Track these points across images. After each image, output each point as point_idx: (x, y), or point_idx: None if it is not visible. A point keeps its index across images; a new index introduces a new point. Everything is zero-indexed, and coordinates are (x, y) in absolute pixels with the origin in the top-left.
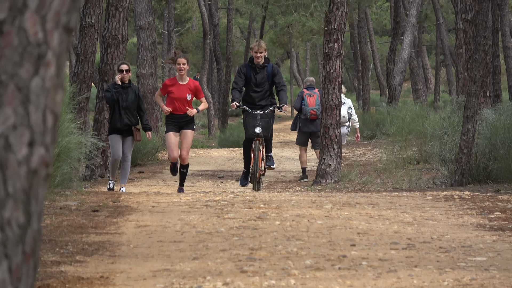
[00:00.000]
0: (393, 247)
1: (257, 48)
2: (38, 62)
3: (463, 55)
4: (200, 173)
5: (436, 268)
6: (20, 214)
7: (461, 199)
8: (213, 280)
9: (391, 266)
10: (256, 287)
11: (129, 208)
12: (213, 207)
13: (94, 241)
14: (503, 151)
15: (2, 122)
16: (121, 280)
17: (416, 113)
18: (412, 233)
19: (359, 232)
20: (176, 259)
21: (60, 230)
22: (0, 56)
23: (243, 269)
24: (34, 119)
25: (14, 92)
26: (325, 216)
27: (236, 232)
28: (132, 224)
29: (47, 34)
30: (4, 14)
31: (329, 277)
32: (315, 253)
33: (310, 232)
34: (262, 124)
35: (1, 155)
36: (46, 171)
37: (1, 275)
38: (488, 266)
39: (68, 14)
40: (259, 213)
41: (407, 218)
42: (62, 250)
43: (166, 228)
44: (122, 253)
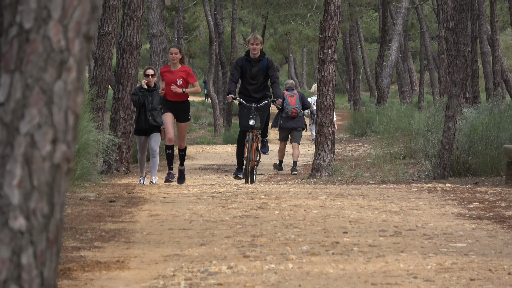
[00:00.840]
0: (382, 234)
1: (253, 40)
2: (61, 67)
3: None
4: (207, 167)
5: (420, 253)
6: (44, 204)
7: (443, 190)
8: (219, 264)
9: (380, 251)
10: (258, 271)
11: (142, 199)
12: (219, 198)
13: (111, 229)
14: (481, 147)
15: (28, 122)
16: (135, 264)
17: (402, 112)
18: (398, 222)
19: (351, 221)
20: (185, 245)
21: (80, 218)
22: (26, 61)
23: (246, 254)
24: (57, 119)
25: (39, 94)
26: (320, 206)
27: (239, 220)
28: (145, 213)
29: (69, 41)
30: (30, 23)
31: (323, 261)
32: (311, 240)
33: (306, 220)
34: (256, 117)
35: (27, 152)
36: (67, 166)
37: (27, 260)
38: (468, 252)
39: (87, 23)
40: (260, 203)
41: (394, 208)
42: (82, 237)
43: (176, 217)
44: (136, 240)
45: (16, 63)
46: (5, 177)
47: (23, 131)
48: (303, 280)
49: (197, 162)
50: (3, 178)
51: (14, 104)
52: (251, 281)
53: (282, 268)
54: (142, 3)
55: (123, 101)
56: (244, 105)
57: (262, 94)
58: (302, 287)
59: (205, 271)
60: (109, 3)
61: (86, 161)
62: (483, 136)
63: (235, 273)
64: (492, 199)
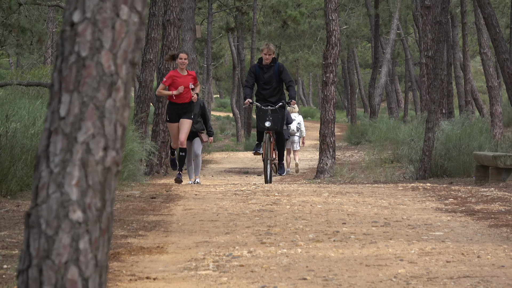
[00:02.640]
0: (374, 225)
1: (267, 50)
2: (111, 88)
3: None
4: (231, 170)
5: (405, 240)
6: (98, 200)
7: (424, 189)
8: (240, 249)
9: (372, 239)
10: (272, 254)
11: (178, 196)
12: (240, 195)
13: (152, 220)
14: (455, 153)
15: (84, 132)
16: (172, 249)
17: (391, 125)
18: (387, 215)
19: (348, 214)
20: (213, 234)
21: (127, 212)
22: (83, 83)
23: (263, 241)
24: (108, 130)
25: (93, 110)
26: (323, 202)
27: (257, 213)
28: (180, 207)
29: (118, 67)
30: (86, 52)
31: (326, 247)
32: (316, 229)
33: (312, 213)
34: (272, 119)
35: (83, 157)
36: (116, 169)
37: (83, 246)
38: (444, 239)
39: (133, 52)
40: (274, 199)
41: (384, 203)
42: (129, 227)
43: (205, 211)
44: (173, 229)
45: (74, 85)
46: (66, 178)
47: (80, 140)
48: (309, 262)
49: (223, 165)
50: (64, 178)
51: (73, 118)
52: (267, 263)
53: (292, 253)
54: (177, 36)
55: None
56: (261, 108)
57: (277, 97)
58: (309, 268)
59: (229, 254)
60: (151, 36)
61: (131, 165)
62: (457, 144)
63: (254, 257)
64: (464, 196)
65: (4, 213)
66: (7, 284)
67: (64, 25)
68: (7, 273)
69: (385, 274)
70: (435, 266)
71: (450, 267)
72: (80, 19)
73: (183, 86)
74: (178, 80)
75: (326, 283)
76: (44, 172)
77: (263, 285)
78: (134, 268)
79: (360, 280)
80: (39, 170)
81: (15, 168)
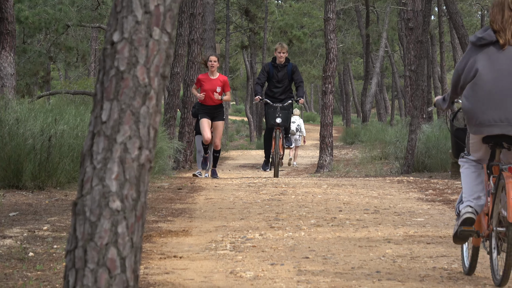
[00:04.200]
0: (365, 212)
1: (280, 48)
2: (145, 97)
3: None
4: (245, 165)
5: (392, 225)
6: (134, 191)
7: (408, 182)
8: (253, 232)
9: (364, 224)
10: (280, 237)
11: (200, 187)
12: (253, 186)
13: (179, 208)
14: (434, 152)
15: (122, 134)
16: (196, 232)
17: (379, 128)
18: (377, 203)
19: (344, 203)
20: (230, 219)
21: (158, 201)
22: (121, 93)
23: (272, 225)
24: (142, 133)
25: (130, 115)
26: (323, 192)
27: (267, 202)
28: (202, 197)
29: (151, 79)
30: (124, 66)
31: (325, 230)
32: (316, 216)
33: (314, 202)
34: (281, 115)
35: (121, 155)
36: (149, 165)
37: (121, 230)
38: (425, 224)
39: (163, 67)
40: (281, 190)
41: (374, 194)
42: (159, 213)
43: (223, 200)
44: (196, 215)
45: (114, 94)
46: (107, 172)
47: (119, 141)
48: (311, 244)
49: (238, 162)
50: (105, 173)
51: (113, 122)
52: (276, 244)
53: (297, 235)
54: (200, 53)
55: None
56: (271, 105)
57: (286, 95)
58: (311, 248)
59: (244, 237)
60: (178, 52)
61: (161, 160)
62: (435, 144)
63: (264, 239)
64: (441, 188)
65: (54, 202)
66: (57, 261)
67: (106, 44)
68: (56, 252)
69: (375, 254)
70: (417, 247)
71: (430, 248)
72: (119, 38)
73: (204, 94)
74: (205, 83)
75: (325, 261)
76: (88, 168)
77: (272, 262)
78: (163, 248)
79: (354, 258)
80: (84, 166)
81: (63, 163)
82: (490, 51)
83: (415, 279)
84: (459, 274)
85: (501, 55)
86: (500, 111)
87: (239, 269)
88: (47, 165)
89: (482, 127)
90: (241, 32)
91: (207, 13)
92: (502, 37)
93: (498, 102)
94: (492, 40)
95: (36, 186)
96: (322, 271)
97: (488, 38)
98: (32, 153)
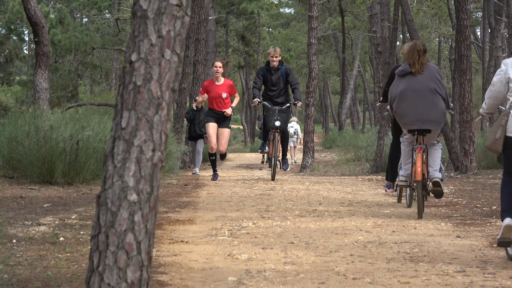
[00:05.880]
0: (341, 205)
1: (273, 53)
2: (158, 107)
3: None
4: (240, 165)
5: (363, 216)
6: (148, 186)
7: (376, 180)
8: (247, 221)
9: (340, 215)
10: (269, 225)
11: (203, 184)
12: (247, 183)
13: (185, 201)
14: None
15: (138, 139)
16: (199, 221)
17: (353, 135)
18: (351, 198)
19: (323, 197)
20: (228, 211)
21: (167, 195)
22: (138, 104)
23: (263, 216)
24: (155, 137)
25: (145, 123)
26: (306, 188)
27: (259, 196)
28: (205, 192)
29: (163, 93)
30: (140, 82)
31: (307, 220)
32: (300, 208)
33: (298, 197)
34: (280, 118)
35: (138, 156)
36: (161, 164)
37: (137, 219)
38: (391, 215)
39: (173, 82)
40: (271, 186)
41: (348, 190)
42: (168, 205)
43: (222, 194)
44: (200, 207)
45: (132, 105)
46: (125, 170)
47: (136, 144)
48: (296, 231)
49: (235, 163)
50: (124, 171)
51: (131, 129)
52: (266, 231)
53: (284, 224)
54: (204, 71)
55: None
56: (269, 108)
57: (283, 98)
58: (295, 235)
59: (239, 225)
60: (185, 71)
61: (171, 161)
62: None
63: (256, 227)
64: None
65: (81, 195)
66: (83, 245)
67: (125, 63)
68: (83, 237)
69: (349, 240)
70: (384, 234)
71: (395, 235)
72: (136, 58)
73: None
74: (210, 91)
75: (307, 246)
76: (110, 167)
77: (263, 247)
78: (172, 234)
79: (331, 244)
80: (106, 165)
81: (88, 163)
82: (408, 77)
83: (382, 261)
84: (420, 257)
85: (414, 80)
86: (416, 115)
87: (235, 252)
88: (75, 165)
89: (406, 125)
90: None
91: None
92: (414, 68)
93: (414, 109)
94: (409, 71)
95: (66, 182)
96: (305, 254)
97: (406, 70)
98: (62, 155)
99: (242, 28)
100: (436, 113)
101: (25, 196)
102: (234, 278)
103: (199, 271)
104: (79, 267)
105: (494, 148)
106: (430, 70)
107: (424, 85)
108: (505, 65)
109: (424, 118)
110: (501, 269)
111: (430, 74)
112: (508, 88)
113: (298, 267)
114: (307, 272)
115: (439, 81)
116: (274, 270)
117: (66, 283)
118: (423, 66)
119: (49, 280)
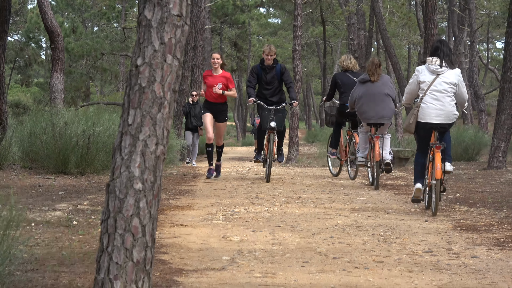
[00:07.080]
0: (323, 192)
1: (268, 51)
2: (160, 106)
3: None
4: (233, 158)
5: (342, 202)
6: (151, 176)
7: None
8: (239, 207)
9: (321, 201)
10: (259, 211)
11: (200, 174)
12: (239, 174)
13: (184, 189)
14: None
15: (143, 134)
16: (197, 207)
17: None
18: (331, 186)
19: (307, 185)
20: (222, 198)
21: (169, 183)
22: (143, 103)
23: (253, 202)
24: (158, 133)
25: (149, 120)
26: (291, 177)
27: (250, 185)
28: (201, 181)
29: (165, 93)
30: (145, 83)
31: (293, 206)
32: (286, 195)
33: (284, 185)
34: (275, 118)
35: (143, 149)
36: (163, 157)
37: (142, 205)
38: (367, 202)
39: (174, 84)
40: (260, 176)
41: (329, 180)
42: (169, 193)
43: (217, 183)
44: (197, 195)
45: (137, 104)
46: (132, 162)
47: (141, 138)
48: (282, 216)
49: (228, 155)
50: (131, 162)
51: (136, 125)
52: (256, 216)
53: (271, 210)
54: (200, 74)
55: None
56: (265, 108)
57: (278, 97)
58: (282, 219)
59: (232, 211)
60: (184, 74)
61: (171, 154)
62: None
63: (247, 212)
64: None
65: (92, 184)
66: (94, 228)
67: (131, 67)
68: (94, 221)
69: (329, 224)
70: (360, 219)
71: (370, 219)
72: (141, 62)
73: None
74: (208, 78)
75: (293, 229)
76: (118, 159)
77: (253, 230)
78: (172, 219)
79: (314, 227)
80: (115, 157)
81: (99, 156)
82: (367, 84)
83: (359, 242)
84: (392, 239)
85: (373, 86)
86: (373, 112)
87: (229, 234)
88: (87, 157)
89: (365, 119)
90: (231, 59)
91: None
92: (372, 76)
93: (372, 108)
94: (368, 79)
95: (79, 172)
96: (291, 236)
97: (366, 78)
98: (76, 148)
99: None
100: (388, 111)
101: (42, 185)
102: (227, 257)
103: (197, 251)
104: (90, 248)
105: (408, 129)
106: (384, 79)
107: (379, 90)
108: (417, 71)
109: (379, 115)
110: (464, 249)
111: (384, 82)
112: (419, 87)
113: (284, 247)
114: (292, 252)
115: (390, 87)
116: (263, 250)
117: (79, 262)
118: (379, 76)
119: (64, 259)
